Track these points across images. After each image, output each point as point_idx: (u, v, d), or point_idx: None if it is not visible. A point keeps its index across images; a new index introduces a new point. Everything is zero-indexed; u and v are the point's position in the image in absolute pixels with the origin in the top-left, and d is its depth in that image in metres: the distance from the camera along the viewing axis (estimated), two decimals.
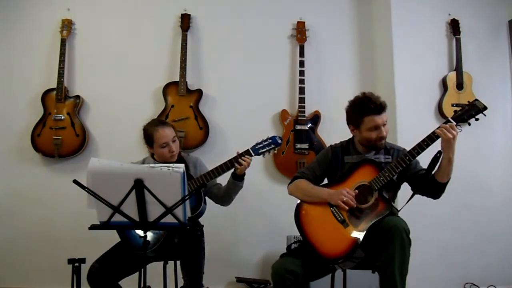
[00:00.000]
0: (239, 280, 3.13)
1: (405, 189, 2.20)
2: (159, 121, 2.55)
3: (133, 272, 2.22)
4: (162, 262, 2.36)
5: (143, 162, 2.50)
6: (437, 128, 1.98)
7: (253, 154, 2.34)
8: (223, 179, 2.46)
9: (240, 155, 2.33)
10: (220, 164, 2.35)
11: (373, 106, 2.05)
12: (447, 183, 2.04)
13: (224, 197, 2.46)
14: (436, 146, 2.01)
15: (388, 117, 2.15)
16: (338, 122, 2.28)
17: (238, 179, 2.39)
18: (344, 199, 1.99)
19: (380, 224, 1.90)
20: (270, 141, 2.38)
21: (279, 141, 2.39)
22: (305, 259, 1.98)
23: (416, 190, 2.12)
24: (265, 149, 2.37)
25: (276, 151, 2.51)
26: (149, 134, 2.40)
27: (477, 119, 2.01)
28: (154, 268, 2.27)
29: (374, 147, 2.14)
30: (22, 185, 3.23)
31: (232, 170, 2.38)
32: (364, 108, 2.07)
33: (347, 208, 1.99)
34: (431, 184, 2.05)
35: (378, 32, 3.58)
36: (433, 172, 2.04)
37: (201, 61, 3.44)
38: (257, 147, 2.37)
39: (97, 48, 3.39)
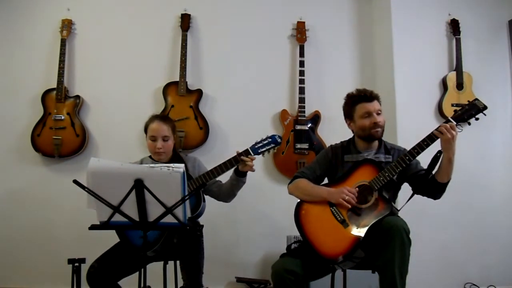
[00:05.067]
0: (239, 280, 3.12)
1: (405, 189, 2.20)
2: (162, 116, 2.57)
3: (132, 272, 2.22)
4: (162, 262, 2.36)
5: (141, 162, 2.50)
6: (436, 128, 1.98)
7: (252, 154, 2.32)
8: (222, 178, 2.46)
9: (240, 155, 2.32)
10: (219, 164, 2.34)
11: (363, 94, 2.14)
12: (447, 183, 2.04)
13: (227, 194, 2.45)
14: (436, 146, 2.01)
15: (388, 117, 2.16)
16: (338, 122, 2.28)
17: (241, 175, 2.37)
18: (346, 198, 1.99)
19: (380, 224, 1.90)
20: (270, 140, 2.36)
21: (279, 140, 2.37)
22: (305, 259, 1.98)
23: (416, 191, 2.11)
24: (264, 149, 2.35)
25: (275, 150, 2.50)
26: (146, 124, 2.47)
27: (477, 119, 2.01)
28: (154, 268, 2.27)
29: (370, 137, 2.15)
30: (22, 185, 3.23)
31: (232, 169, 2.37)
32: (355, 98, 2.17)
33: (349, 206, 1.99)
34: (431, 184, 2.05)
35: (378, 32, 3.58)
36: (433, 172, 2.04)
37: (201, 61, 3.44)
38: (256, 146, 2.35)
39: (97, 48, 3.39)
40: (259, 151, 2.34)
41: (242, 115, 3.39)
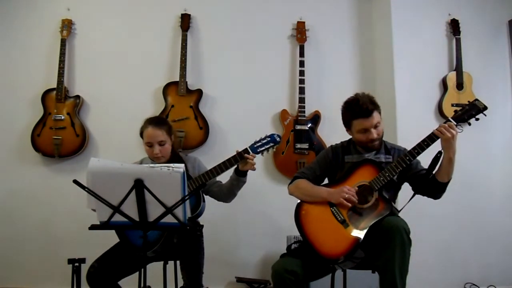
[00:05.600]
0: (239, 280, 3.12)
1: (405, 189, 2.20)
2: (156, 120, 2.50)
3: (132, 272, 2.22)
4: (162, 262, 2.36)
5: (141, 162, 2.50)
6: (436, 128, 1.98)
7: (251, 153, 2.31)
8: (222, 178, 2.46)
9: (239, 154, 2.32)
10: (219, 163, 2.34)
11: (358, 110, 2.06)
12: (448, 183, 2.04)
13: (228, 194, 2.44)
14: (436, 146, 2.01)
15: (388, 117, 2.15)
16: (338, 122, 2.28)
17: (241, 174, 2.37)
18: (346, 196, 1.99)
19: (380, 224, 1.90)
20: (269, 139, 2.35)
21: (278, 139, 2.36)
22: (305, 259, 1.98)
23: (417, 190, 2.12)
24: (263, 148, 2.34)
25: (274, 150, 2.51)
26: (141, 130, 2.43)
27: (477, 119, 2.01)
28: (154, 268, 2.27)
29: (367, 148, 2.15)
30: (22, 185, 3.23)
31: (232, 168, 2.36)
32: (352, 112, 2.09)
33: (350, 205, 1.98)
34: (431, 184, 2.05)
35: (378, 32, 3.58)
36: (434, 172, 2.04)
37: (201, 61, 3.44)
38: (255, 145, 2.34)
39: (97, 48, 3.39)
40: (258, 150, 2.34)
41: (242, 115, 3.39)
